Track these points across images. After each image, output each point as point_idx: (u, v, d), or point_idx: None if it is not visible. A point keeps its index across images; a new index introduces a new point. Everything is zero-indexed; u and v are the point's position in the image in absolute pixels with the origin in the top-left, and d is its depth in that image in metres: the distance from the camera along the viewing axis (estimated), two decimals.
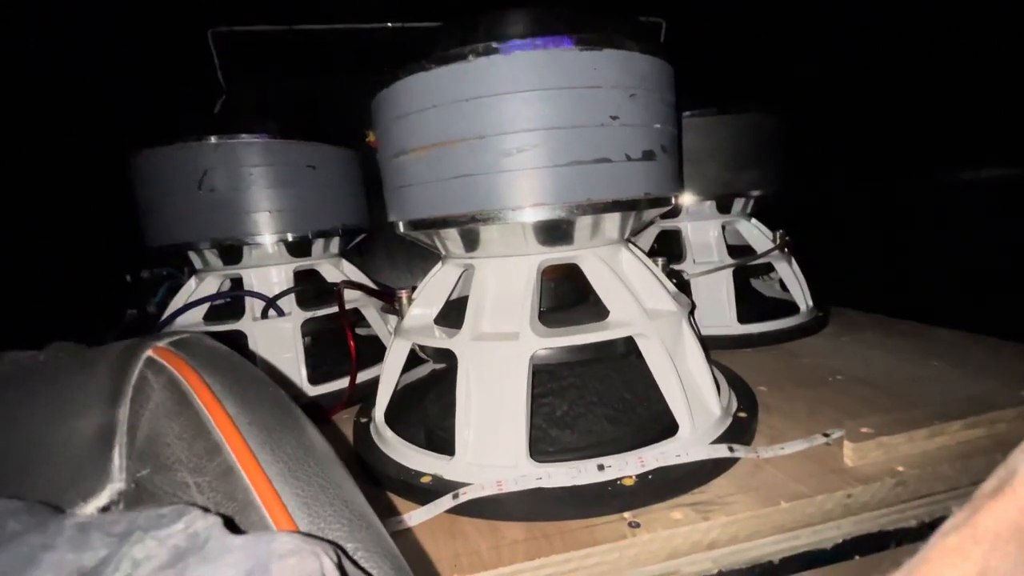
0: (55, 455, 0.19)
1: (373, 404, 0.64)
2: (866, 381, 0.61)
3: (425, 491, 0.44)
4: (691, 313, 0.54)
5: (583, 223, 0.47)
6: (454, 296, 0.59)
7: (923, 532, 0.42)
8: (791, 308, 0.87)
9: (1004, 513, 0.17)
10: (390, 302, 0.59)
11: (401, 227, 0.53)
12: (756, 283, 0.96)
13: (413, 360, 0.57)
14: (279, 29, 1.08)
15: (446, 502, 0.40)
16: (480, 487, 0.40)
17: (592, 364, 0.51)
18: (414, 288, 0.59)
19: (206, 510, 0.16)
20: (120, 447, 0.19)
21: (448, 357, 0.49)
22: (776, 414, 0.54)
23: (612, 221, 0.48)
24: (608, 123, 0.43)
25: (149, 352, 0.21)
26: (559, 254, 0.50)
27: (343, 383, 0.72)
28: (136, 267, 0.92)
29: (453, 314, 0.55)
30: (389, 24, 1.11)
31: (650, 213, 0.50)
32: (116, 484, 0.18)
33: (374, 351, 0.81)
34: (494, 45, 0.42)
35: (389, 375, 0.56)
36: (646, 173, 0.46)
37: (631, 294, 0.49)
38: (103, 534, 0.15)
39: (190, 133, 0.67)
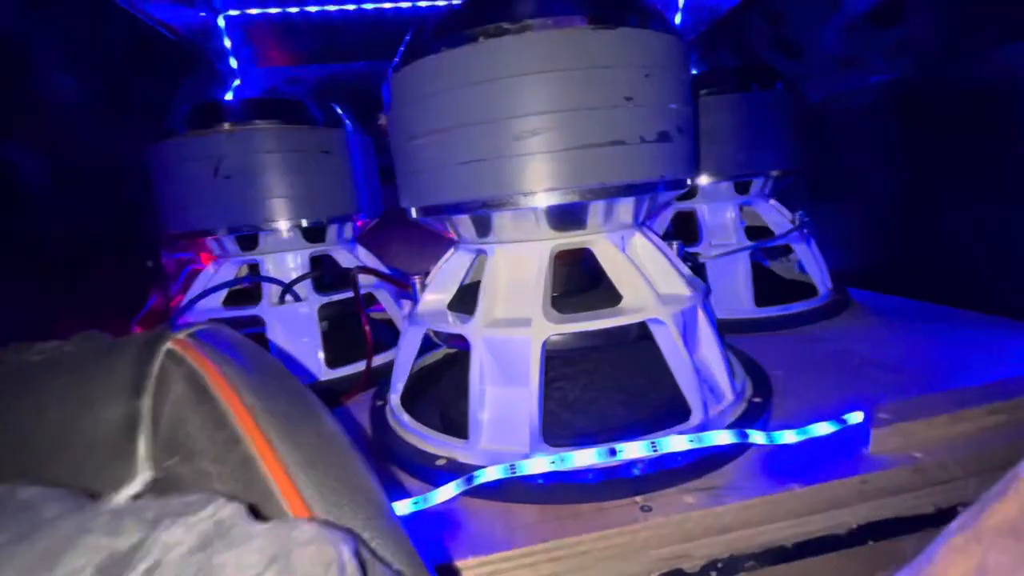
0: (82, 444, 0.20)
1: (388, 387, 0.66)
2: (886, 365, 0.60)
3: (440, 473, 0.44)
4: (706, 297, 0.53)
5: (596, 208, 0.46)
6: (468, 281, 0.59)
7: (940, 518, 0.42)
8: (809, 290, 0.85)
9: (1005, 512, 0.17)
10: (404, 287, 0.59)
11: (413, 213, 0.53)
12: (774, 265, 0.94)
13: (428, 343, 0.58)
14: (291, 12, 1.08)
15: (462, 485, 0.41)
16: (495, 471, 0.41)
17: (605, 349, 0.51)
18: (427, 274, 0.60)
19: (231, 498, 0.16)
20: (145, 437, 0.20)
21: (462, 342, 0.49)
22: (792, 398, 0.53)
23: (626, 205, 0.47)
24: (622, 104, 0.42)
25: (169, 344, 0.22)
26: (572, 239, 0.50)
27: (359, 366, 0.73)
28: (158, 253, 0.94)
29: (467, 298, 0.55)
30: (404, 4, 1.10)
31: (665, 196, 0.49)
32: (145, 473, 0.19)
33: (389, 334, 0.82)
34: (505, 26, 0.41)
35: (404, 360, 0.57)
36: (661, 155, 0.45)
37: (644, 279, 0.48)
38: (136, 519, 0.16)
39: (204, 121, 0.67)
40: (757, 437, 0.45)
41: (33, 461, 0.20)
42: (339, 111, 0.78)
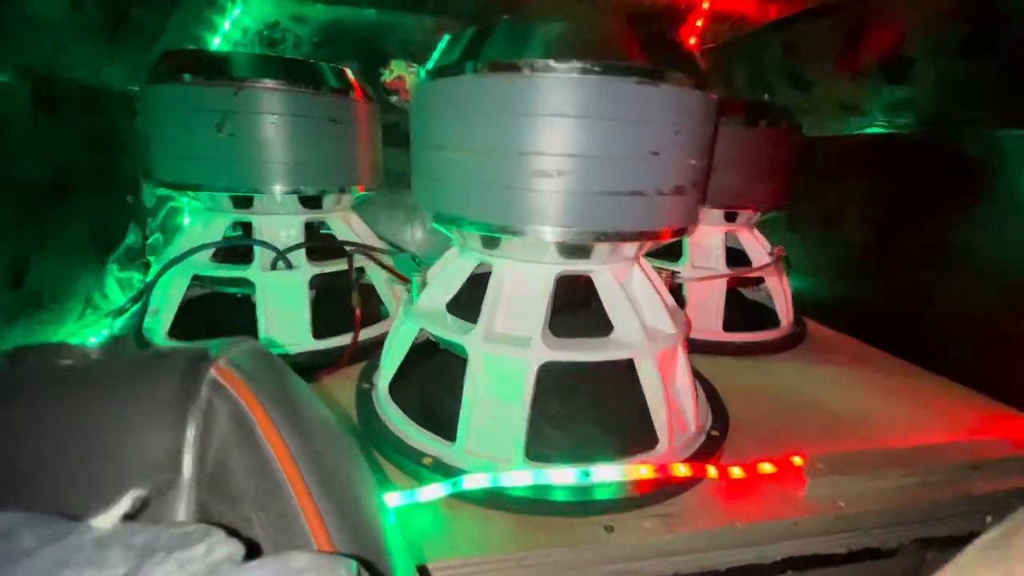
0: (115, 470, 0.20)
1: (374, 367, 0.68)
2: (829, 409, 0.67)
3: (425, 472, 0.48)
4: (686, 333, 0.58)
5: (604, 245, 0.49)
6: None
7: (850, 558, 0.50)
8: (771, 316, 0.92)
9: None
10: (403, 280, 0.61)
11: (428, 215, 0.54)
12: (744, 290, 1.00)
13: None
14: None
15: (449, 487, 0.45)
16: (481, 478, 0.45)
17: (587, 368, 0.55)
18: (426, 269, 0.61)
19: (230, 532, 0.17)
20: (189, 470, 0.21)
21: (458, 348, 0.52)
22: (744, 434, 0.59)
23: (632, 246, 0.50)
24: (648, 158, 0.44)
25: (213, 372, 0.23)
26: (576, 267, 0.52)
27: (343, 339, 0.75)
28: (138, 188, 0.91)
29: (462, 300, 0.57)
30: None
31: (668, 241, 0.52)
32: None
33: (374, 307, 0.83)
34: (552, 63, 0.41)
35: (396, 352, 0.59)
36: (673, 206, 0.48)
37: (636, 315, 0.52)
38: (123, 549, 0.15)
39: (213, 71, 0.64)
40: (711, 472, 0.50)
41: (63, 483, 0.21)
42: (351, 76, 0.75)
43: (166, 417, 0.21)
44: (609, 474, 0.46)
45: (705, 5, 1.18)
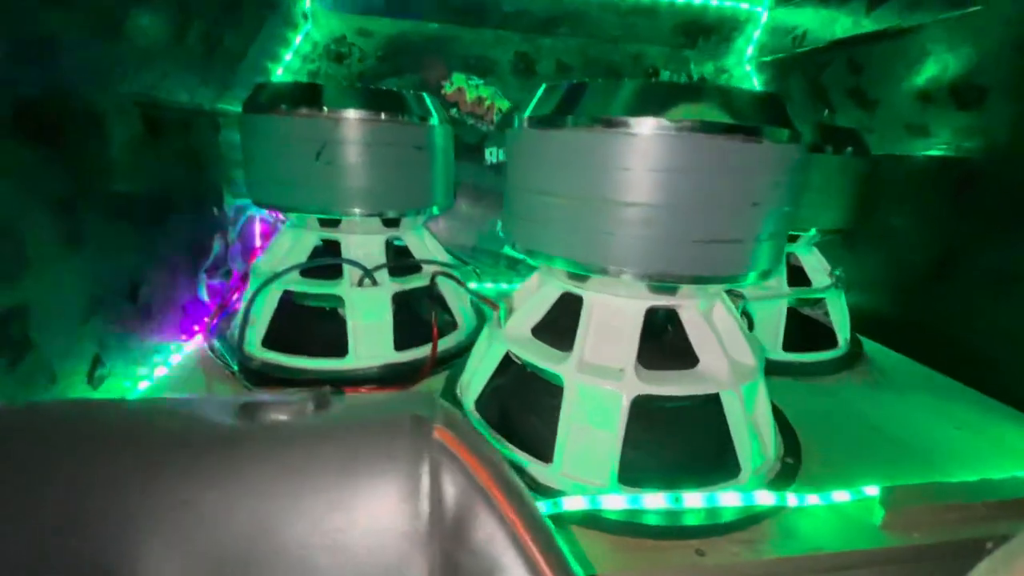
0: (362, 522, 0.25)
1: (453, 380, 0.72)
2: (895, 436, 0.69)
3: None
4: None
5: (691, 286, 0.52)
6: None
7: None
8: (828, 335, 0.93)
9: None
10: (492, 306, 0.65)
11: (516, 248, 0.57)
12: (801, 309, 1.02)
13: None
14: None
15: (551, 507, 0.49)
16: (581, 500, 0.49)
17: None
18: (513, 295, 0.65)
19: None
20: (425, 521, 0.25)
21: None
22: (815, 460, 0.62)
23: (722, 285, 0.53)
24: (749, 209, 0.47)
25: (436, 435, 0.27)
26: (663, 301, 0.55)
27: (421, 351, 0.79)
28: (221, 198, 0.96)
29: (547, 324, 0.61)
30: None
31: (757, 282, 0.54)
32: None
33: (449, 320, 0.88)
34: (662, 122, 0.44)
35: (483, 372, 0.63)
36: (768, 251, 0.50)
37: (722, 350, 0.55)
38: None
39: (313, 103, 0.68)
40: (791, 499, 0.53)
41: (282, 535, 0.24)
42: (429, 103, 0.79)
43: (403, 471, 0.25)
44: (699, 501, 0.49)
45: (764, 18, 1.18)
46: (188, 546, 0.23)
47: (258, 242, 1.12)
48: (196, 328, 0.87)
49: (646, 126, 0.45)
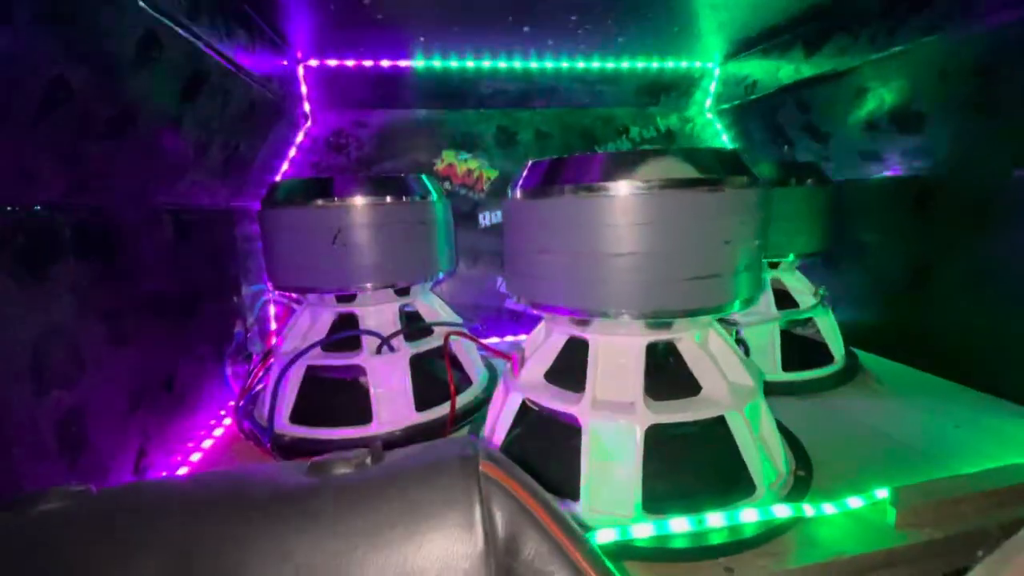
0: (428, 548, 0.29)
1: (477, 431, 0.76)
2: (899, 440, 0.72)
3: None
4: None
5: (684, 319, 0.57)
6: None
7: None
8: (824, 352, 0.98)
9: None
10: (506, 358, 0.70)
11: (521, 301, 0.63)
12: (793, 329, 1.07)
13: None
14: (365, 65, 1.16)
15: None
16: (611, 532, 0.52)
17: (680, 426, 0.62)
18: (523, 346, 0.70)
19: None
20: (480, 543, 0.29)
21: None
22: (826, 472, 0.65)
23: (709, 317, 0.59)
24: (722, 247, 0.53)
25: (482, 468, 0.31)
26: (661, 336, 0.61)
27: (440, 410, 0.83)
28: (239, 287, 1.03)
29: (557, 368, 0.66)
30: (468, 63, 1.19)
31: (741, 309, 0.60)
32: None
33: (463, 377, 0.92)
34: (635, 184, 0.52)
35: (503, 421, 0.68)
36: (745, 282, 0.56)
37: (720, 374, 0.59)
38: None
39: (326, 194, 0.76)
40: (808, 509, 0.56)
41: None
42: (428, 183, 0.87)
43: (459, 501, 0.29)
44: (721, 520, 0.53)
45: (717, 73, 1.31)
46: (285, 573, 0.27)
47: (273, 324, 1.18)
48: (223, 412, 0.91)
49: (622, 188, 0.52)
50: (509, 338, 1.31)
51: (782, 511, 0.55)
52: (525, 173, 0.62)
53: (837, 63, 0.97)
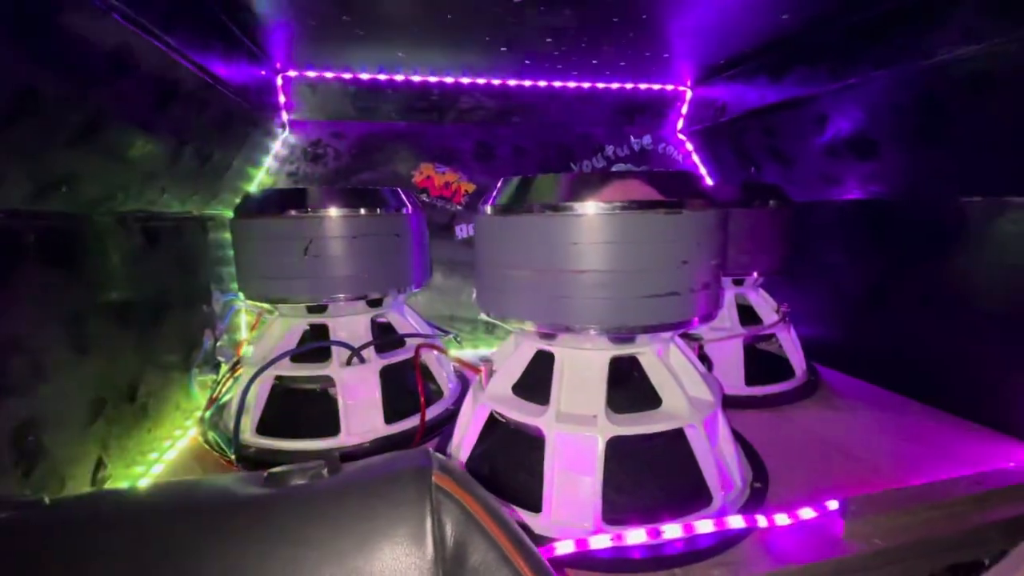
0: (380, 553, 0.30)
1: (443, 444, 0.76)
2: (853, 453, 0.75)
3: None
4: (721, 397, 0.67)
5: (646, 334, 0.59)
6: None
7: None
8: (786, 367, 1.01)
9: None
10: (474, 371, 0.71)
11: (490, 315, 0.65)
12: (758, 345, 1.10)
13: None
14: (344, 77, 1.17)
15: (544, 553, 0.52)
16: (571, 543, 0.53)
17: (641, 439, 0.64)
18: (491, 359, 0.72)
19: None
20: (431, 551, 0.30)
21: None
22: (782, 484, 0.68)
23: (671, 332, 0.61)
24: (680, 266, 0.56)
25: (435, 479, 0.32)
26: (624, 350, 0.63)
27: (411, 422, 0.84)
28: (209, 296, 1.02)
29: (524, 382, 0.67)
30: (447, 79, 1.21)
31: (699, 326, 0.62)
32: None
33: (434, 389, 0.93)
34: (599, 204, 0.54)
35: (471, 433, 0.68)
36: (703, 300, 0.59)
37: (680, 388, 0.61)
38: None
39: (299, 206, 0.77)
40: (761, 521, 0.58)
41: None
42: (403, 195, 0.89)
43: (410, 511, 0.30)
44: (677, 531, 0.54)
45: (688, 96, 1.35)
46: None
47: (244, 334, 1.17)
48: (189, 423, 0.90)
49: (587, 208, 0.54)
50: (484, 349, 1.32)
51: (737, 522, 0.56)
52: (497, 189, 0.63)
53: (798, 91, 1.02)
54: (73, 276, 0.63)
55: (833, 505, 0.61)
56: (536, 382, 0.66)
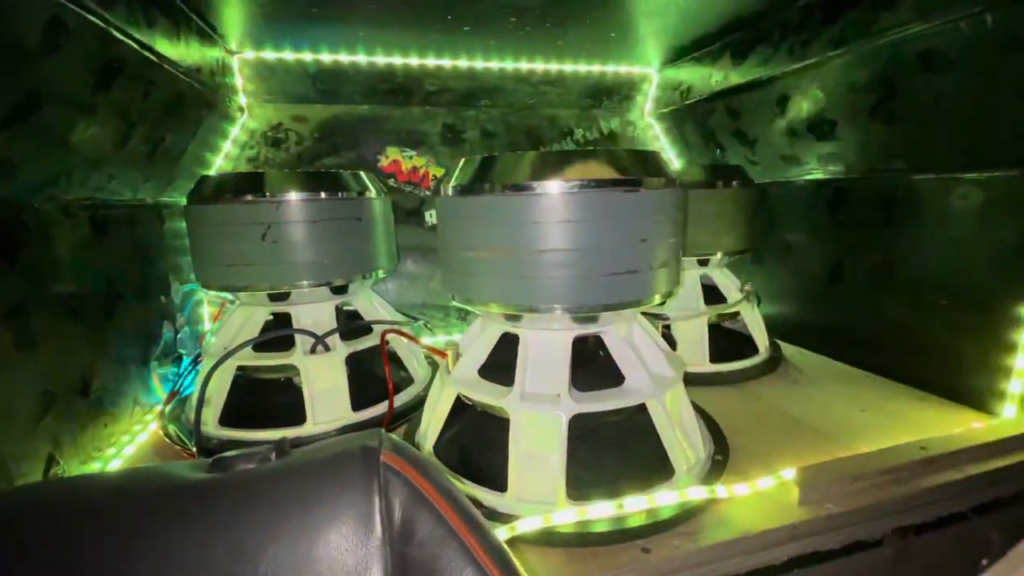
0: (330, 532, 0.29)
1: (413, 430, 0.76)
2: (811, 425, 0.78)
3: None
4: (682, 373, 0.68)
5: (610, 312, 0.60)
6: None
7: (845, 551, 0.59)
8: (750, 344, 1.04)
9: None
10: (441, 355, 0.70)
11: (455, 299, 0.64)
12: (722, 323, 1.12)
13: None
14: (305, 59, 1.14)
15: (506, 532, 0.53)
16: (534, 520, 0.53)
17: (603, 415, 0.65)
18: (457, 343, 0.71)
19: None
20: (379, 529, 0.30)
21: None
22: (742, 455, 0.69)
23: (633, 310, 0.61)
24: (638, 244, 0.56)
25: (383, 458, 0.32)
26: (587, 329, 0.63)
27: (378, 408, 0.83)
28: (167, 287, 0.99)
29: (488, 361, 0.67)
30: (412, 61, 1.18)
31: (658, 303, 0.63)
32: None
33: (403, 376, 0.92)
34: (560, 183, 0.53)
35: (438, 416, 0.68)
36: (662, 277, 0.59)
37: (643, 365, 0.62)
38: None
39: (255, 190, 0.74)
40: (720, 491, 0.60)
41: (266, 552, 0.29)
42: (366, 179, 0.87)
43: (357, 491, 0.30)
44: (640, 504, 0.55)
45: (655, 78, 1.36)
46: (173, 571, 0.27)
47: (206, 325, 1.14)
48: (149, 417, 0.87)
49: (548, 187, 0.54)
50: (457, 336, 1.31)
51: (697, 493, 0.58)
52: (457, 171, 0.62)
53: (761, 72, 1.03)
54: (14, 267, 0.60)
55: (788, 474, 0.63)
56: (502, 364, 0.66)
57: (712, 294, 1.02)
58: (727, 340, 1.04)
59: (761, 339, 1.03)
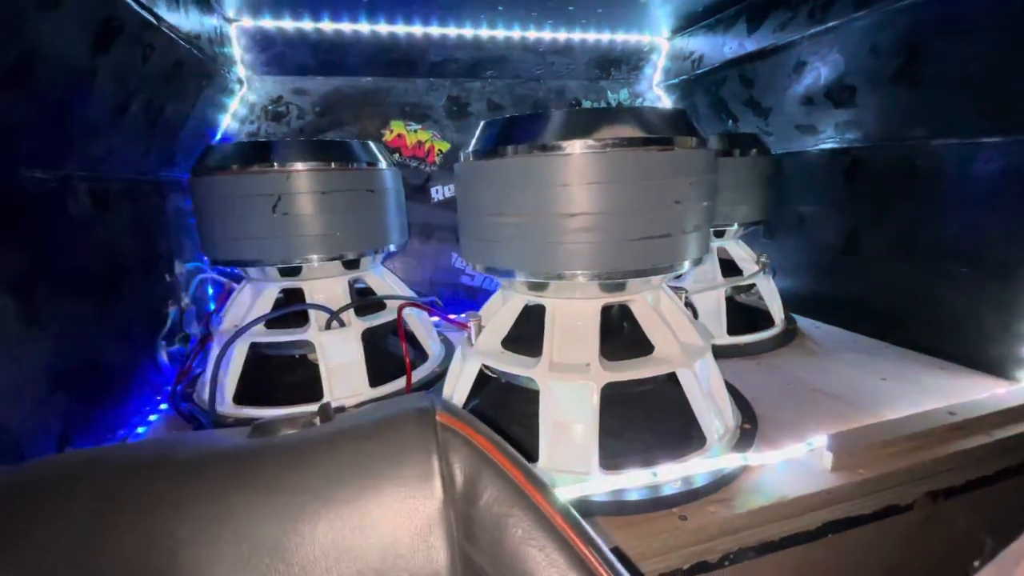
0: (389, 494, 0.28)
1: None
2: (834, 394, 0.77)
3: None
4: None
5: (640, 279, 0.58)
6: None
7: (876, 516, 0.59)
8: (765, 317, 1.03)
9: None
10: (462, 327, 0.69)
11: (477, 267, 0.62)
12: (738, 296, 1.11)
13: None
14: (305, 28, 1.09)
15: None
16: (569, 489, 0.52)
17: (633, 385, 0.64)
18: (479, 313, 0.69)
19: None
20: (439, 490, 0.28)
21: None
22: (769, 424, 0.69)
23: (662, 277, 0.60)
24: (672, 206, 0.54)
25: (439, 418, 0.30)
26: (615, 298, 0.61)
27: (395, 384, 0.81)
28: (172, 264, 0.96)
29: (514, 335, 0.65)
30: (415, 29, 1.14)
31: (690, 270, 0.62)
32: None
33: (419, 351, 0.91)
34: (589, 143, 0.51)
35: (461, 389, 0.67)
36: (694, 242, 0.58)
37: (672, 334, 0.61)
38: None
39: (264, 160, 0.71)
40: (753, 458, 0.59)
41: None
42: (375, 148, 0.84)
43: (416, 452, 0.28)
44: (674, 472, 0.54)
45: (664, 48, 1.32)
46: (223, 534, 0.25)
47: (212, 305, 1.11)
48: (159, 398, 0.85)
49: (576, 147, 0.51)
50: (463, 316, 1.29)
51: (730, 461, 0.57)
52: (478, 134, 0.60)
53: (777, 38, 1.00)
54: (14, 241, 0.58)
55: (820, 441, 0.62)
56: (526, 336, 0.64)
57: (727, 267, 1.01)
58: (744, 313, 1.03)
59: (777, 311, 1.02)
